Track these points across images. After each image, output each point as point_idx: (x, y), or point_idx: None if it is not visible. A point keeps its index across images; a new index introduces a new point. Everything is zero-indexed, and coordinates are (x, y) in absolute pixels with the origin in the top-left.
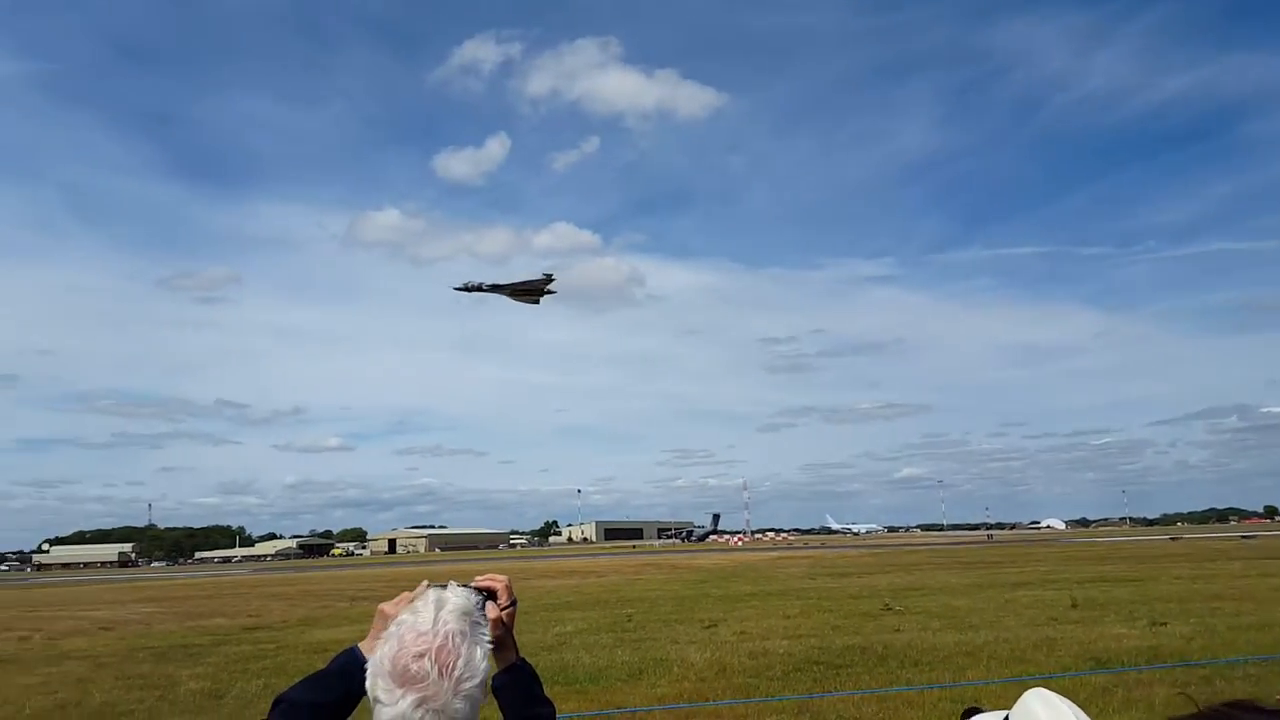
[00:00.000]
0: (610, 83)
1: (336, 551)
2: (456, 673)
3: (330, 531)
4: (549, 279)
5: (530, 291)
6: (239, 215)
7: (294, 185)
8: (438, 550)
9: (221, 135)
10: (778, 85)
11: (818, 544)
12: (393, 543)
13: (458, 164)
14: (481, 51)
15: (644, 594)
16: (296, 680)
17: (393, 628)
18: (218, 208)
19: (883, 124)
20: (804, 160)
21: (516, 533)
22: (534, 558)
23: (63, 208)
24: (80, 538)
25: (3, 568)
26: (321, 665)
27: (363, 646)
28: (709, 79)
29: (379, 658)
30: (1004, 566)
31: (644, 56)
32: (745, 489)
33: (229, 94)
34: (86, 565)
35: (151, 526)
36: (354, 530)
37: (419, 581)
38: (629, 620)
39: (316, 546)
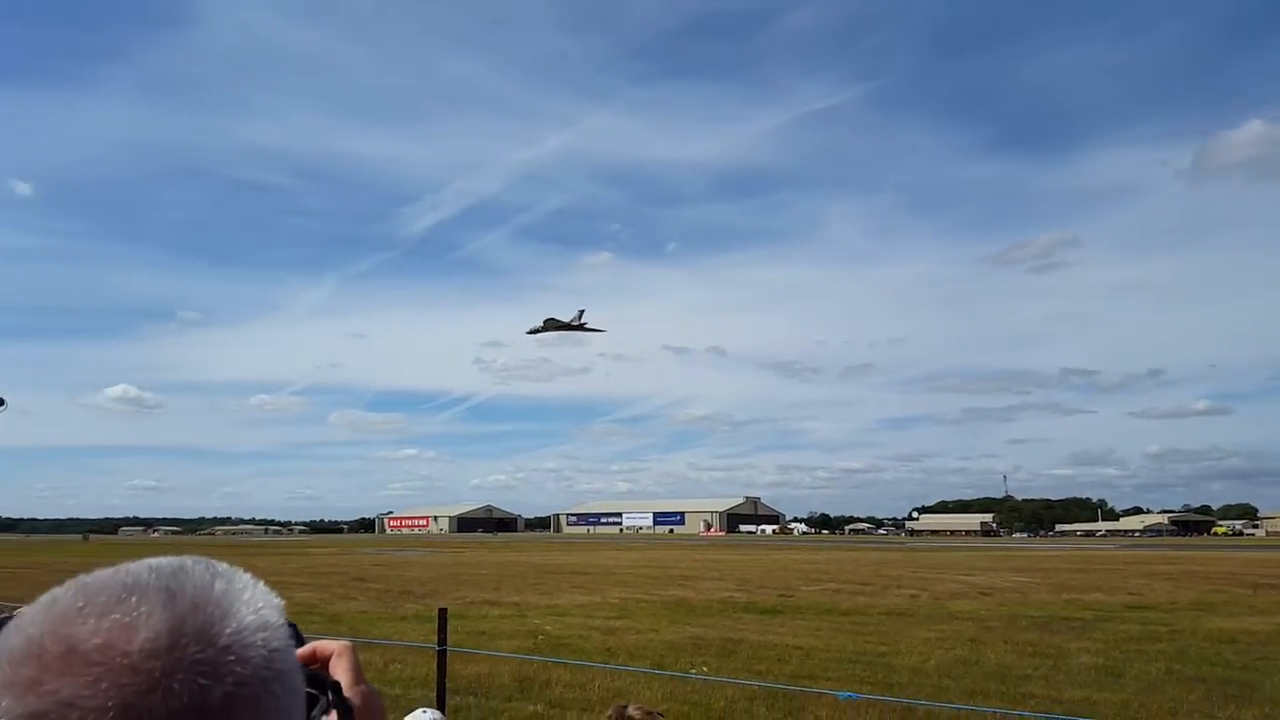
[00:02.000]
0: None
1: (1219, 530)
2: None
3: (1208, 507)
4: (580, 313)
5: (577, 327)
6: (1067, 174)
7: (1125, 128)
8: None
9: (1041, 99)
10: None
11: None
12: None
13: None
14: None
15: None
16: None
17: None
18: (1044, 172)
19: None
20: None
21: None
22: None
23: (899, 207)
24: (943, 507)
25: (881, 532)
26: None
27: None
28: None
29: None
30: None
31: None
32: None
33: (1046, 56)
34: (951, 533)
35: (1009, 498)
36: (1240, 506)
37: None
38: None
39: (1193, 523)
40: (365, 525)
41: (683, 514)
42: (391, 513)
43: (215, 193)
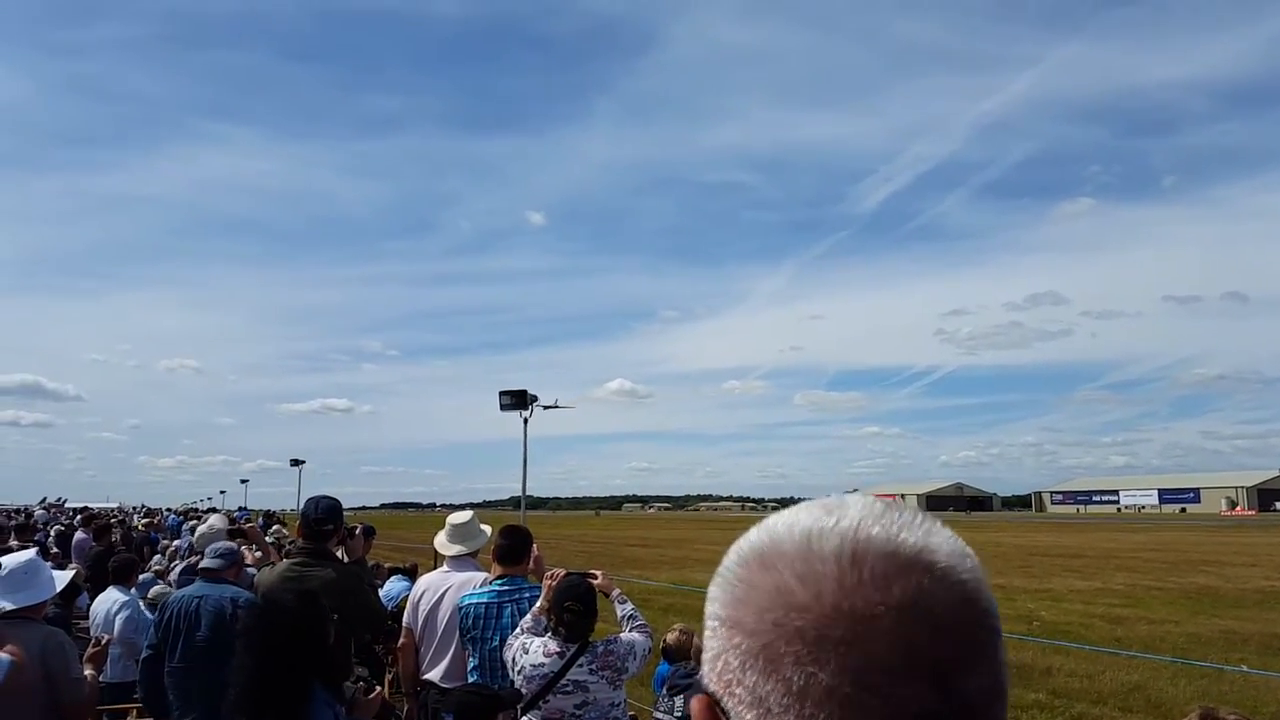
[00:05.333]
0: None
1: None
2: None
3: None
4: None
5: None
6: None
7: None
8: None
9: None
10: None
11: None
12: None
13: None
14: None
15: None
16: None
17: None
18: None
19: None
20: None
21: None
22: None
23: None
24: None
25: None
26: None
27: None
28: None
29: None
30: None
31: None
32: None
33: None
34: None
35: None
36: None
37: None
38: None
39: None
40: None
41: (1197, 490)
42: (858, 490)
43: (686, 198)
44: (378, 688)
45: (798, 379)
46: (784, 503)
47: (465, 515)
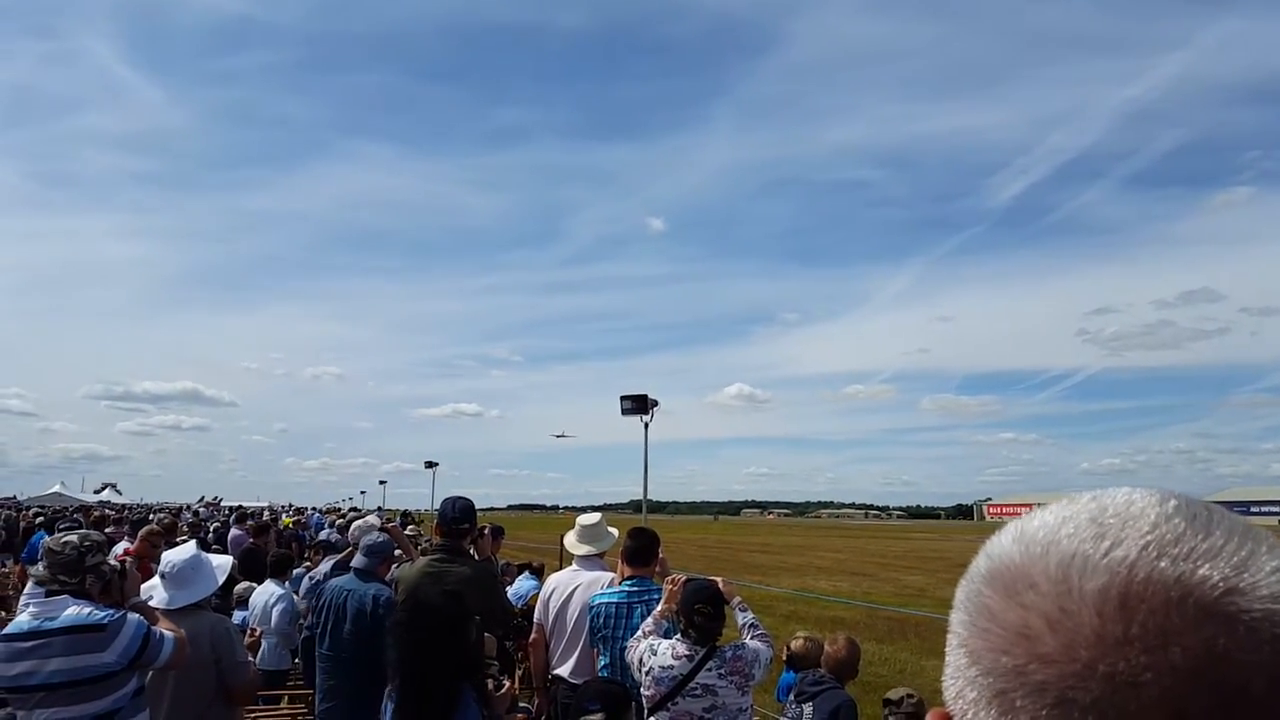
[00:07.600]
0: None
1: None
2: None
3: None
4: None
5: None
6: None
7: None
8: None
9: None
10: None
11: None
12: None
13: None
14: None
15: None
16: None
17: None
18: None
19: None
20: None
21: None
22: None
23: None
24: None
25: None
26: None
27: None
28: None
29: None
30: None
31: None
32: None
33: None
34: None
35: None
36: None
37: None
38: None
39: None
40: (963, 512)
41: None
42: (990, 499)
43: (805, 199)
44: (507, 683)
45: (925, 382)
46: (910, 512)
47: (594, 517)
